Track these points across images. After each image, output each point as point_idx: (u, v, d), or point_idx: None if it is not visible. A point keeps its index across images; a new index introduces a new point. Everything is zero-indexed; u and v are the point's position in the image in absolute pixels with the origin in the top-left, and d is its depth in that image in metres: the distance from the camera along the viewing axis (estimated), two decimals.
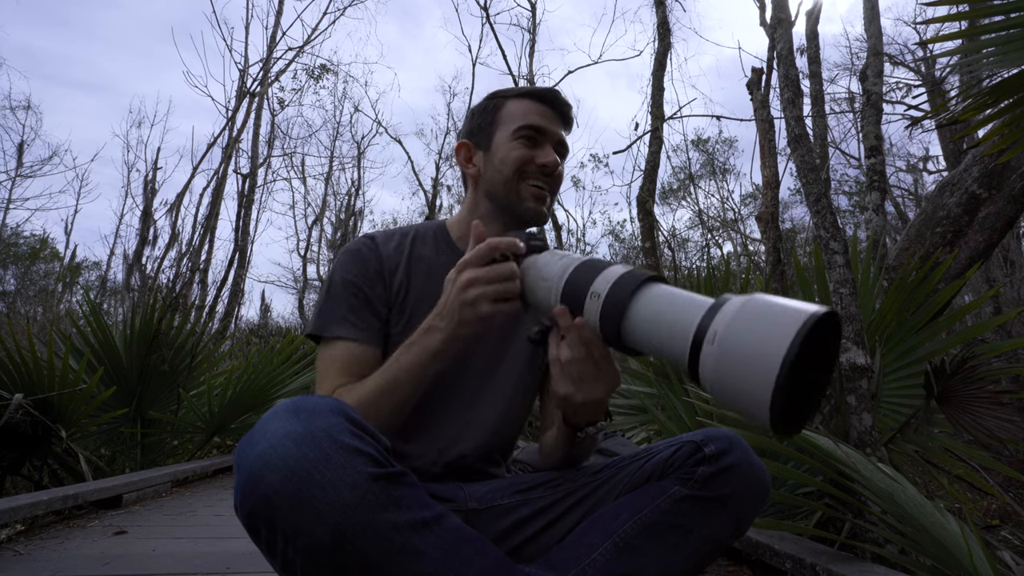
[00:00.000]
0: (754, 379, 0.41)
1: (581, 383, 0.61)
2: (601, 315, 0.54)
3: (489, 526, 0.77)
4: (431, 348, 0.69)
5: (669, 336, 0.49)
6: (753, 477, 0.71)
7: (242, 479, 0.51)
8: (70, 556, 1.47)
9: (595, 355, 0.59)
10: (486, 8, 13.39)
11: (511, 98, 0.88)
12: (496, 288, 0.65)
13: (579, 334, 0.58)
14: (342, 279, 0.83)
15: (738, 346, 0.42)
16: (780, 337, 0.40)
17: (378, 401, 0.71)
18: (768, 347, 0.40)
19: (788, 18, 2.22)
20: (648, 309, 0.51)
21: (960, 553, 0.98)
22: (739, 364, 0.42)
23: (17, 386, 2.40)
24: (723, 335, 0.43)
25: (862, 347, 1.61)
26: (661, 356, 0.51)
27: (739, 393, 0.42)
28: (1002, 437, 1.48)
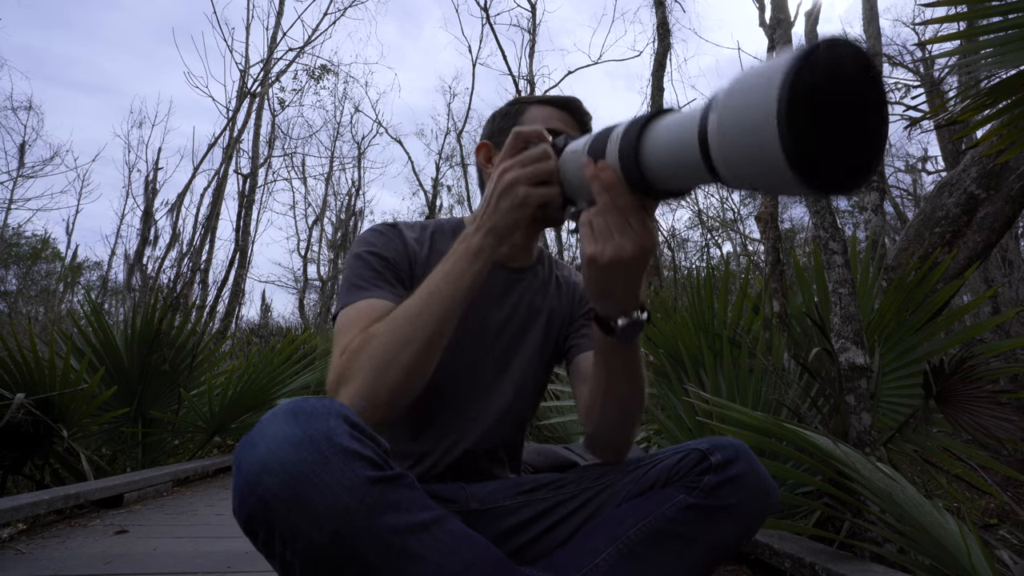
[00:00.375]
0: (755, 120, 0.36)
1: (606, 238, 0.57)
2: (620, 150, 0.53)
3: (490, 527, 0.77)
4: (472, 247, 0.65)
5: (679, 136, 0.46)
6: (759, 488, 0.70)
7: (240, 482, 0.50)
8: (71, 555, 1.48)
9: (619, 203, 0.55)
10: (486, 8, 13.40)
11: (533, 104, 0.89)
12: (531, 169, 0.64)
13: (601, 180, 0.55)
14: (368, 252, 0.80)
15: (736, 93, 0.38)
16: (778, 65, 0.35)
17: (418, 315, 0.64)
18: (766, 79, 0.36)
19: (787, 19, 2.22)
20: (660, 127, 0.50)
21: (958, 552, 0.99)
22: (739, 110, 0.38)
23: (19, 386, 2.40)
24: (723, 95, 0.40)
25: (861, 347, 1.61)
26: (680, 175, 0.49)
27: (747, 149, 0.38)
28: (1000, 436, 1.48)
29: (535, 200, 0.64)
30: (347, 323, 0.72)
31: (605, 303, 0.65)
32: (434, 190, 17.74)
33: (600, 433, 0.79)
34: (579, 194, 0.63)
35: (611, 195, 0.55)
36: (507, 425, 0.87)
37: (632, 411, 0.76)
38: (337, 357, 0.67)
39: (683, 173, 0.48)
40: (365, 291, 0.75)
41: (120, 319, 4.26)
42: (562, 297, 0.94)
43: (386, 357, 0.63)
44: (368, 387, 0.62)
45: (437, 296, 0.65)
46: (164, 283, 11.97)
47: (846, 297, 1.67)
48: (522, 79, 13.45)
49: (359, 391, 0.62)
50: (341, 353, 0.67)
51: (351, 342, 0.66)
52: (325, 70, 15.54)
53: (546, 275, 0.94)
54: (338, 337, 0.71)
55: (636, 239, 0.56)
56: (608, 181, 0.55)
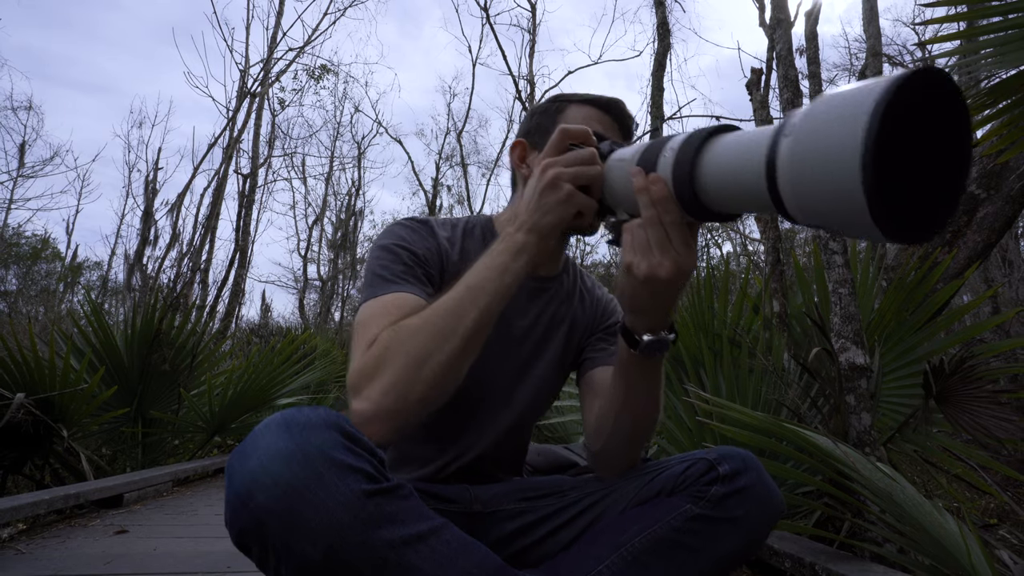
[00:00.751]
0: (838, 160, 0.32)
1: (645, 252, 0.55)
2: (674, 165, 0.50)
3: (492, 530, 0.77)
4: (516, 243, 0.63)
5: (742, 160, 0.43)
6: (766, 499, 0.70)
7: (232, 496, 0.49)
8: (71, 555, 1.48)
9: (665, 219, 0.54)
10: (486, 8, 13.40)
11: (574, 103, 0.84)
12: (576, 170, 0.62)
13: (651, 192, 0.53)
14: (398, 245, 0.76)
15: (817, 123, 0.34)
16: (867, 96, 0.31)
17: (458, 309, 0.61)
18: (852, 113, 0.32)
19: (787, 19, 2.22)
20: (721, 146, 0.47)
21: (958, 552, 0.99)
22: (818, 144, 0.34)
23: (19, 385, 2.40)
24: (800, 120, 0.36)
25: (861, 347, 1.61)
26: (737, 199, 0.46)
27: (824, 190, 0.34)
28: (1000, 436, 1.48)
29: (578, 202, 0.62)
30: (372, 316, 0.67)
31: (634, 315, 0.63)
32: (434, 190, 17.74)
33: (608, 450, 0.78)
34: (620, 204, 0.61)
35: (658, 210, 0.53)
36: (519, 432, 0.86)
37: (644, 431, 0.75)
38: (362, 350, 0.62)
39: (741, 198, 0.45)
40: (393, 284, 0.71)
41: (120, 319, 4.26)
42: (585, 309, 0.92)
43: (423, 352, 0.59)
44: (401, 382, 0.58)
45: (479, 291, 0.61)
46: (164, 283, 11.98)
47: (846, 297, 1.67)
48: (522, 79, 13.45)
49: (391, 386, 0.58)
50: (368, 346, 0.62)
51: (380, 335, 0.62)
52: (325, 70, 15.54)
53: (571, 285, 0.92)
54: (361, 330, 0.65)
55: (675, 259, 0.55)
56: (658, 195, 0.53)
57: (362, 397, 0.59)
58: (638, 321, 0.64)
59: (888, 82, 0.31)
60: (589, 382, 0.86)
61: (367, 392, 0.59)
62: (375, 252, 0.76)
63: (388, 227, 0.80)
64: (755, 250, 14.29)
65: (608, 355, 0.87)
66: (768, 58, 5.55)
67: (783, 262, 2.66)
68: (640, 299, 0.60)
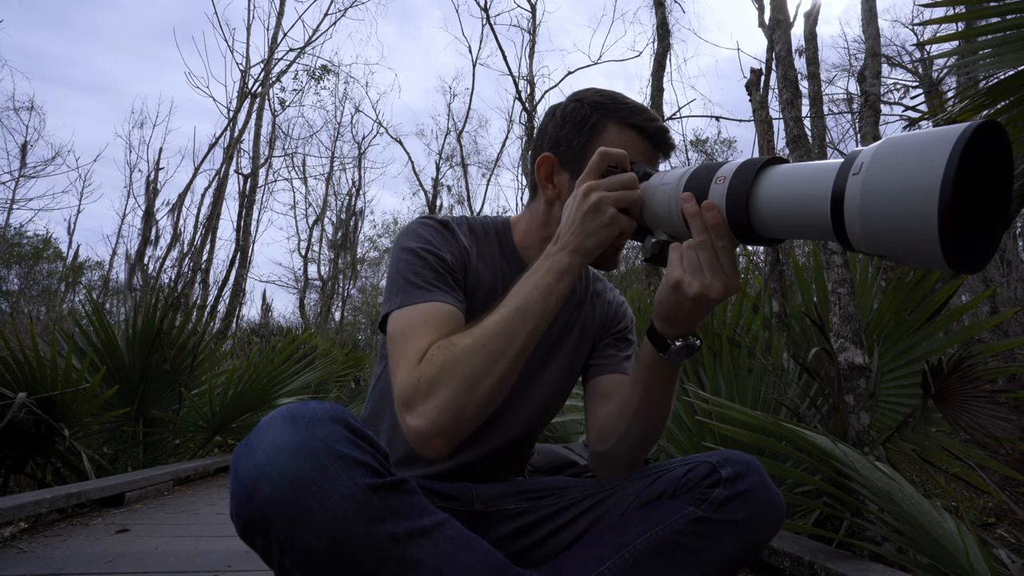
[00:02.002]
0: (914, 198, 0.35)
1: (696, 273, 0.57)
2: (728, 194, 0.52)
3: (493, 529, 0.77)
4: (560, 265, 0.64)
5: (803, 197, 0.45)
6: (769, 503, 0.70)
7: (237, 488, 0.50)
8: (73, 554, 1.48)
9: (717, 244, 0.56)
10: (486, 9, 13.40)
11: (613, 122, 0.77)
12: (619, 195, 0.64)
13: (704, 219, 0.55)
14: (426, 250, 0.75)
15: (889, 165, 0.37)
16: (940, 146, 0.34)
17: (509, 331, 0.62)
18: (927, 159, 0.35)
19: (787, 19, 2.23)
20: (778, 179, 0.49)
21: (957, 551, 0.99)
22: (892, 185, 0.36)
23: (20, 385, 2.41)
24: (870, 161, 0.38)
25: (860, 346, 1.62)
26: (793, 227, 0.48)
27: (896, 224, 0.36)
28: (998, 436, 1.48)
29: (620, 224, 0.64)
30: (414, 326, 0.67)
31: (669, 324, 0.65)
32: (434, 190, 17.74)
33: (615, 453, 0.78)
34: (660, 225, 0.64)
35: (712, 235, 0.56)
36: (527, 437, 0.87)
37: (654, 435, 0.76)
38: (411, 363, 0.63)
39: (800, 228, 0.47)
40: (428, 292, 0.71)
41: (121, 319, 4.26)
42: (596, 313, 0.91)
43: (478, 373, 0.60)
44: (456, 402, 0.60)
45: (527, 313, 0.63)
46: (165, 283, 11.99)
47: (845, 297, 1.67)
48: (522, 79, 13.45)
49: (446, 405, 0.59)
50: (418, 360, 0.63)
51: (430, 351, 0.63)
52: (325, 70, 15.56)
53: (582, 289, 0.91)
54: (404, 341, 0.66)
55: (725, 280, 0.57)
56: (713, 222, 0.55)
57: (417, 414, 0.60)
58: (671, 329, 0.66)
59: (960, 132, 0.35)
60: (595, 388, 0.86)
61: (422, 409, 0.60)
62: (403, 255, 0.75)
63: (410, 227, 0.79)
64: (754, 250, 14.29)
65: (616, 362, 0.88)
66: (767, 58, 5.55)
67: (782, 262, 2.67)
68: (681, 312, 0.62)
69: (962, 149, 0.34)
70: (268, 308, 14.82)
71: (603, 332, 0.91)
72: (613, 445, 0.77)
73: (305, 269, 18.18)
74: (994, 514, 2.23)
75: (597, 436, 0.80)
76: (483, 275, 0.80)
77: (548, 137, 0.81)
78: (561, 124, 0.80)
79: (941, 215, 0.34)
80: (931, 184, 0.34)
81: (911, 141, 0.37)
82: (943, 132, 0.35)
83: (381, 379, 0.85)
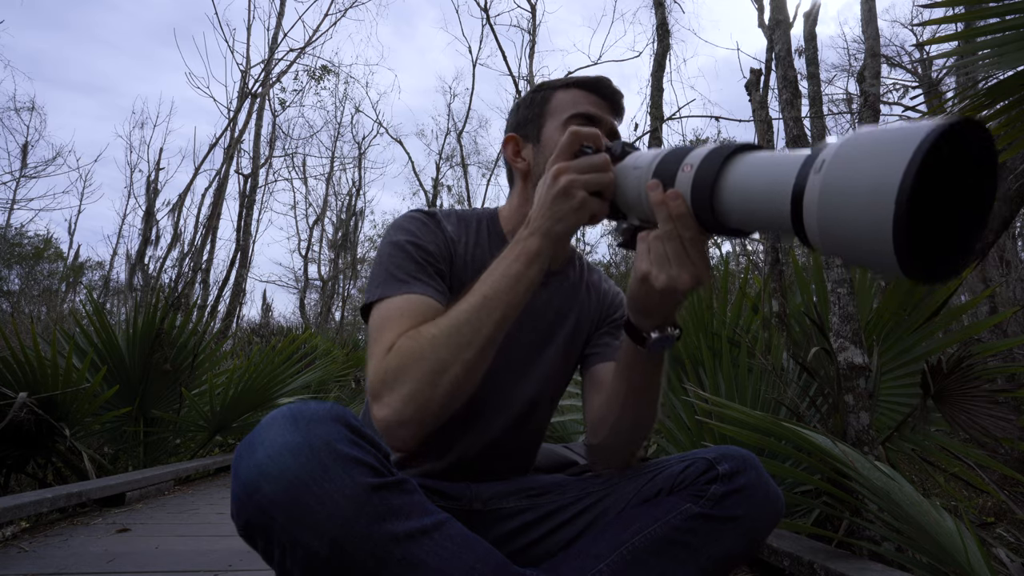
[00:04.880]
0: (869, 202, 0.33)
1: (663, 265, 0.56)
2: (693, 183, 0.51)
3: (492, 528, 0.77)
4: (529, 250, 0.63)
5: (766, 188, 0.43)
6: (766, 499, 0.70)
7: (238, 488, 0.50)
8: (74, 553, 1.49)
9: (684, 235, 0.54)
10: (486, 9, 13.41)
11: (559, 88, 0.83)
12: (589, 177, 0.62)
13: (669, 208, 0.54)
14: (409, 242, 0.75)
15: (849, 164, 0.35)
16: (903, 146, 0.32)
17: (476, 320, 0.61)
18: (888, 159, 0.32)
19: (787, 20, 2.23)
20: (743, 169, 0.47)
21: (956, 550, 0.99)
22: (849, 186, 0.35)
23: (21, 385, 2.41)
24: (832, 158, 0.36)
25: (859, 346, 1.62)
26: (757, 221, 0.47)
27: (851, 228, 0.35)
28: (998, 435, 1.48)
29: (591, 208, 0.62)
30: (388, 318, 0.67)
31: (643, 317, 0.65)
32: (434, 190, 17.74)
33: (608, 445, 0.78)
34: (632, 210, 0.61)
35: (677, 225, 0.54)
36: (524, 431, 0.86)
37: (644, 427, 0.75)
38: (380, 356, 0.63)
39: (762, 222, 0.46)
40: (407, 284, 0.71)
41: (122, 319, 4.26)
42: (591, 303, 0.91)
43: (443, 362, 0.60)
44: (421, 393, 0.59)
45: (494, 301, 0.62)
46: (165, 283, 11.99)
47: (845, 297, 1.68)
48: (522, 79, 13.45)
49: (410, 397, 0.59)
50: (386, 351, 0.63)
51: (398, 342, 0.63)
52: (326, 71, 15.56)
53: (576, 278, 0.90)
54: (378, 334, 0.66)
55: (693, 271, 0.56)
56: (677, 212, 0.53)
57: (383, 404, 0.60)
58: (645, 321, 0.65)
59: (928, 131, 0.32)
60: (592, 377, 0.86)
61: (388, 400, 0.60)
62: (386, 248, 0.76)
63: (397, 221, 0.80)
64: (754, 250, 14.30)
65: (612, 351, 0.87)
66: (767, 59, 5.55)
67: (782, 262, 2.67)
68: (652, 304, 0.62)
69: (927, 150, 0.32)
70: (268, 308, 14.82)
71: (599, 321, 0.91)
72: (607, 435, 0.77)
73: (305, 269, 18.20)
74: (993, 513, 2.23)
75: (593, 427, 0.80)
76: (472, 263, 0.80)
77: (511, 123, 0.88)
78: (517, 108, 0.87)
79: (897, 221, 0.32)
80: (888, 187, 0.32)
81: (875, 139, 0.35)
82: (910, 130, 0.33)
83: None
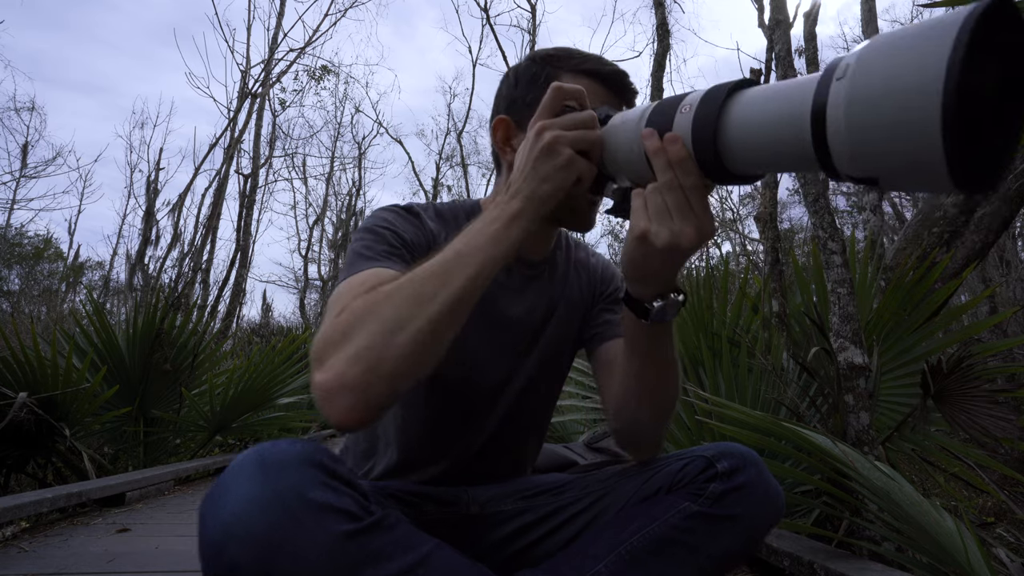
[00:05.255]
0: (911, 99, 0.29)
1: (663, 219, 0.51)
2: (694, 123, 0.46)
3: (491, 532, 0.77)
4: (511, 212, 0.55)
5: (780, 112, 0.38)
6: (767, 497, 0.68)
7: (204, 546, 0.46)
8: (74, 553, 1.49)
9: (685, 183, 0.49)
10: (486, 9, 13.41)
11: (567, 71, 0.72)
12: (576, 134, 0.56)
13: (669, 154, 0.49)
14: (383, 227, 0.69)
15: (880, 63, 0.31)
16: (942, 34, 0.28)
17: (444, 272, 0.52)
18: (926, 51, 0.28)
19: (787, 20, 2.23)
20: (750, 99, 0.43)
21: (956, 550, 0.99)
22: (884, 85, 0.30)
23: (21, 385, 2.41)
24: (857, 60, 0.32)
25: (859, 346, 1.62)
26: (769, 157, 0.42)
27: (889, 134, 0.30)
28: (998, 435, 1.48)
29: (578, 167, 0.57)
30: (349, 289, 0.58)
31: (642, 285, 0.59)
32: (434, 190, 17.75)
33: (633, 428, 0.74)
34: (622, 170, 0.57)
35: (677, 172, 0.49)
36: (522, 429, 0.84)
37: (665, 404, 0.70)
38: (330, 320, 0.53)
39: (775, 156, 0.41)
40: (374, 261, 0.64)
41: (122, 319, 4.26)
42: (582, 282, 0.86)
43: (398, 316, 0.50)
44: (371, 349, 0.49)
45: (468, 257, 0.53)
46: (165, 283, 11.99)
47: (845, 297, 1.68)
48: None
49: (358, 354, 0.49)
50: (337, 315, 0.53)
51: (350, 303, 0.54)
52: (326, 71, 15.56)
53: (564, 261, 0.85)
54: (333, 305, 0.56)
55: (697, 224, 0.50)
56: (677, 157, 0.48)
57: (325, 367, 0.49)
58: (646, 289, 0.60)
59: (968, 14, 0.28)
60: (600, 359, 0.81)
61: (331, 362, 0.49)
62: (358, 235, 0.70)
63: (374, 212, 0.74)
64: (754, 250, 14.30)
65: (614, 326, 0.83)
66: (767, 59, 5.54)
67: (782, 262, 2.67)
68: (652, 267, 0.56)
69: (969, 33, 0.27)
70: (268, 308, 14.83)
71: (593, 299, 0.86)
72: (627, 421, 0.73)
73: (305, 269, 18.21)
74: (993, 513, 2.23)
75: (612, 414, 0.75)
76: None
77: (503, 99, 0.76)
78: (515, 84, 0.75)
79: (945, 119, 0.28)
80: (932, 79, 0.28)
81: (907, 33, 0.31)
82: (945, 18, 0.29)
83: None
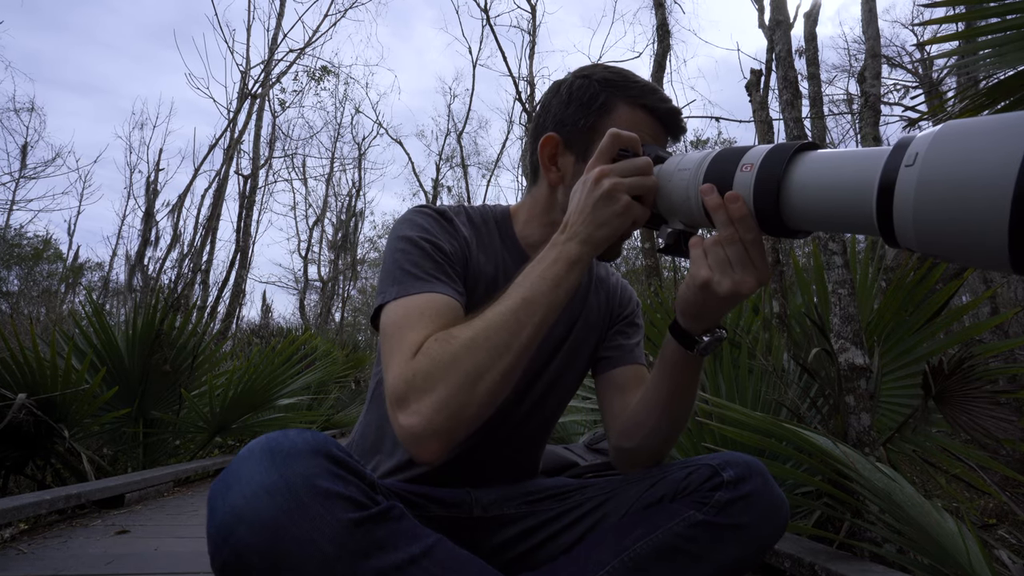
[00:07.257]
0: (980, 195, 0.31)
1: (725, 270, 0.54)
2: (756, 184, 0.48)
3: (494, 535, 0.77)
4: (569, 255, 0.59)
5: (845, 184, 0.41)
6: (772, 507, 0.68)
7: (214, 530, 0.47)
8: (73, 555, 1.48)
9: (745, 237, 0.52)
10: (486, 10, 13.42)
11: (625, 101, 0.73)
12: (633, 181, 0.60)
13: (728, 210, 0.51)
14: (425, 239, 0.70)
15: (951, 157, 0.33)
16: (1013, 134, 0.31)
17: (514, 323, 0.56)
18: (997, 149, 0.31)
19: (787, 20, 2.23)
20: (813, 166, 0.45)
21: (957, 552, 0.99)
22: (954, 179, 0.33)
23: (20, 386, 2.40)
24: (927, 150, 0.35)
25: (860, 347, 1.61)
26: (829, 220, 0.44)
27: (957, 224, 0.33)
28: (999, 436, 1.48)
29: (634, 213, 0.60)
30: (409, 317, 0.62)
31: (695, 321, 0.63)
32: (434, 191, 17.75)
33: (642, 448, 0.76)
34: (677, 213, 0.60)
35: (738, 228, 0.52)
36: (530, 438, 0.85)
37: (683, 425, 0.74)
38: (405, 357, 0.58)
39: (835, 220, 0.44)
40: (426, 283, 0.66)
41: (121, 320, 4.26)
42: (600, 301, 0.88)
43: (479, 368, 0.55)
44: (455, 400, 0.54)
45: (533, 304, 0.58)
46: (165, 284, 11.98)
47: (845, 298, 1.67)
48: (522, 80, 13.46)
49: (444, 404, 0.54)
50: (412, 353, 0.58)
51: (425, 344, 0.58)
52: (325, 71, 15.57)
53: (586, 280, 0.87)
54: (398, 334, 0.60)
55: (756, 274, 0.54)
56: (739, 215, 0.51)
57: (411, 412, 0.54)
58: (698, 326, 0.64)
59: None
60: (610, 381, 0.83)
61: (417, 407, 0.54)
62: (399, 244, 0.70)
63: (407, 216, 0.74)
64: None
65: (627, 352, 0.85)
66: (767, 59, 5.55)
67: (783, 262, 2.66)
68: (711, 311, 0.61)
69: None
70: (268, 309, 14.81)
71: (610, 320, 0.88)
72: (639, 442, 0.75)
73: (305, 270, 18.20)
74: (995, 515, 2.23)
75: (620, 433, 0.78)
76: (484, 267, 0.77)
77: (552, 116, 0.76)
78: (567, 102, 0.75)
79: (1015, 213, 0.31)
80: (1003, 180, 0.31)
81: (977, 129, 0.34)
82: (1014, 118, 0.32)
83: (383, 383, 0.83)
